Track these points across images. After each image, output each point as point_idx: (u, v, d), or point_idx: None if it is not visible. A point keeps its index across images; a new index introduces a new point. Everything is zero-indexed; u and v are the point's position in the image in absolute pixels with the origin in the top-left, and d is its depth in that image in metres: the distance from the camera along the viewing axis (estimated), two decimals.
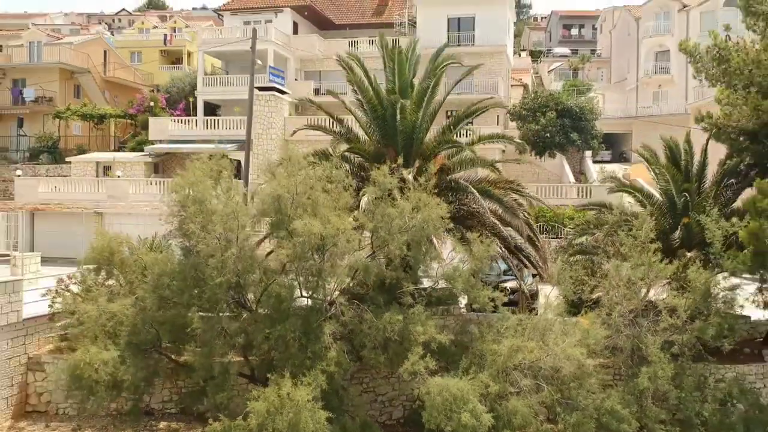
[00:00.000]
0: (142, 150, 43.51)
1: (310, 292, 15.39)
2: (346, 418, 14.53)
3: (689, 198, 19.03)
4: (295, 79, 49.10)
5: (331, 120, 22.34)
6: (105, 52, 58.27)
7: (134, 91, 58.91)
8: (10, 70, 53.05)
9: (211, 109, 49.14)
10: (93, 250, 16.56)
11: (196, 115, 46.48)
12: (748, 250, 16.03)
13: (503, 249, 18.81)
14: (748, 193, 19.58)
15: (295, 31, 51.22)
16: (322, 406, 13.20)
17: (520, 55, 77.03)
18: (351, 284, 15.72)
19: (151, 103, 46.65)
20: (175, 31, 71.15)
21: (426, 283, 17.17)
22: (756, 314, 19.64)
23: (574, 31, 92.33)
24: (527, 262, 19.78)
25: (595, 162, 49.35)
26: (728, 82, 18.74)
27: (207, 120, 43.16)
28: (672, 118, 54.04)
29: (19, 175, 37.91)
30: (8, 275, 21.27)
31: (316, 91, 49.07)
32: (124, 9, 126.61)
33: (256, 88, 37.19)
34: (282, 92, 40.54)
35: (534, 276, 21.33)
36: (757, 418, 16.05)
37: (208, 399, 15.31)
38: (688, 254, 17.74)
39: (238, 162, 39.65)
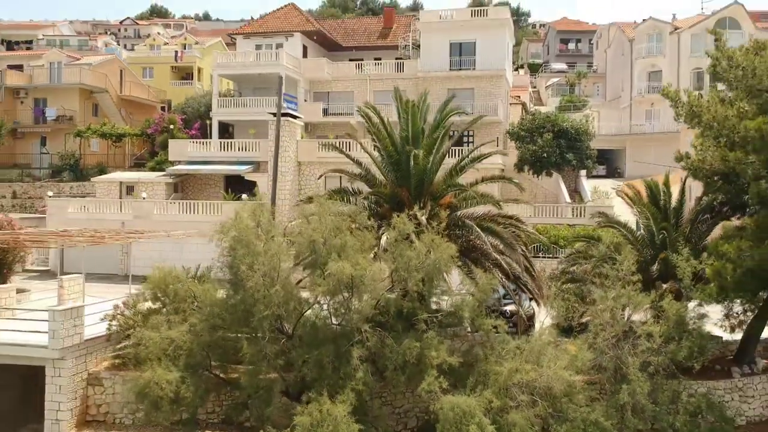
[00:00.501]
0: (162, 170, 45.94)
1: (339, 320, 18.03)
2: (371, 428, 17.08)
3: (667, 235, 21.63)
4: (305, 100, 51.40)
5: (345, 153, 24.83)
6: (121, 71, 60.86)
7: (148, 107, 61.57)
8: (32, 90, 55.63)
9: (225, 127, 51.56)
10: (151, 282, 19.24)
11: (211, 136, 48.89)
12: (714, 284, 18.67)
13: (503, 278, 21.38)
14: (721, 226, 22.26)
15: (305, 54, 53.60)
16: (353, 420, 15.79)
17: (518, 72, 79.58)
18: (374, 313, 18.27)
19: (170, 126, 49.12)
20: (185, 48, 73.74)
21: (435, 305, 19.73)
22: (726, 334, 22.22)
23: (572, 45, 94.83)
24: (525, 289, 22.37)
25: (590, 177, 51.40)
26: (702, 132, 21.32)
27: (223, 142, 45.58)
28: (663, 135, 56.64)
29: (50, 196, 40.07)
30: (55, 298, 23.66)
31: (325, 112, 51.63)
32: (128, 17, 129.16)
33: (270, 113, 39.84)
34: (295, 117, 43.05)
35: (531, 300, 23.88)
36: (722, 428, 18.66)
37: (251, 411, 17.98)
38: (664, 285, 20.36)
39: (254, 183, 42.32)
